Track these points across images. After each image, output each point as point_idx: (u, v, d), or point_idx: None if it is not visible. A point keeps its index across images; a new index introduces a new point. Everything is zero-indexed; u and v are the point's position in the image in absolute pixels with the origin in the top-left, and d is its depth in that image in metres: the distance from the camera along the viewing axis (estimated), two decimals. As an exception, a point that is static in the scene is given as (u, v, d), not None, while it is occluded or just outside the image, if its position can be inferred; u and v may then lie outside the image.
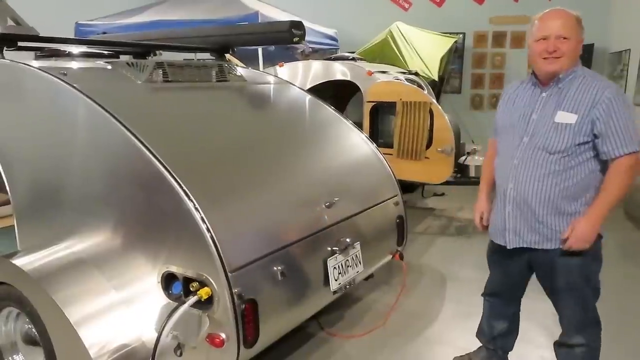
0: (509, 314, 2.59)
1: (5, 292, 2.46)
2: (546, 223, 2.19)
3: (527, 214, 2.22)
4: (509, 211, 2.27)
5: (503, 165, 2.32)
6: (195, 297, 2.04)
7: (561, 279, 2.24)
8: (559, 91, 2.16)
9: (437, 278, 4.09)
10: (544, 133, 2.15)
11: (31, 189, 2.64)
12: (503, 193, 2.30)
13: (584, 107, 2.08)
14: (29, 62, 2.57)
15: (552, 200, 2.16)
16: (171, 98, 2.79)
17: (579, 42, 2.14)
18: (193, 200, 2.10)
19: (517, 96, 2.33)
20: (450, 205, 6.27)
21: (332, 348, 3.05)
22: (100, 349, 2.18)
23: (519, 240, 2.28)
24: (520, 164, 2.21)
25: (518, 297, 2.58)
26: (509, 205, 2.27)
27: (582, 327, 2.28)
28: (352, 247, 2.74)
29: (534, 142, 2.18)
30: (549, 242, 2.21)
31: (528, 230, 2.24)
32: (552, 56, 2.11)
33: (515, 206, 2.25)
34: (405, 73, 6.05)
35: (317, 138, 3.23)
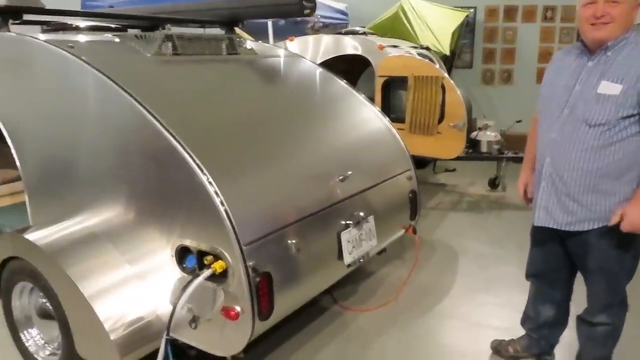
0: (556, 299, 2.42)
1: (18, 266, 2.47)
2: (581, 202, 2.06)
3: (562, 191, 2.10)
4: (543, 187, 2.17)
5: (541, 139, 2.21)
6: (210, 270, 2.02)
7: (595, 260, 2.14)
8: (607, 60, 2.00)
9: (449, 253, 4.07)
10: (584, 104, 2.01)
11: (42, 164, 2.62)
12: (540, 168, 2.20)
13: (631, 77, 1.92)
14: (35, 35, 2.52)
15: (589, 178, 2.02)
16: (181, 71, 2.74)
17: (633, 6, 1.95)
18: (206, 174, 2.08)
19: (562, 65, 2.17)
20: (462, 180, 6.21)
21: (345, 322, 3.05)
22: (115, 322, 2.19)
23: (548, 219, 2.17)
24: (558, 137, 2.09)
25: (565, 280, 2.39)
26: (543, 181, 2.17)
27: (608, 306, 2.20)
28: (366, 220, 2.71)
29: (574, 114, 2.04)
30: (583, 223, 2.09)
31: (561, 210, 2.12)
32: (599, 22, 1.94)
33: (550, 183, 2.13)
34: (416, 47, 5.94)
35: (330, 112, 3.18)
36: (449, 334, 2.93)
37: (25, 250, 2.39)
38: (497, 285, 3.48)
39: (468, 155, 5.42)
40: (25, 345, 2.63)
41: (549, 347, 2.57)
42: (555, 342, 2.57)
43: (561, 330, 2.54)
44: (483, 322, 3.05)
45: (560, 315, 2.48)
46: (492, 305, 3.24)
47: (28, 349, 2.62)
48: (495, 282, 3.54)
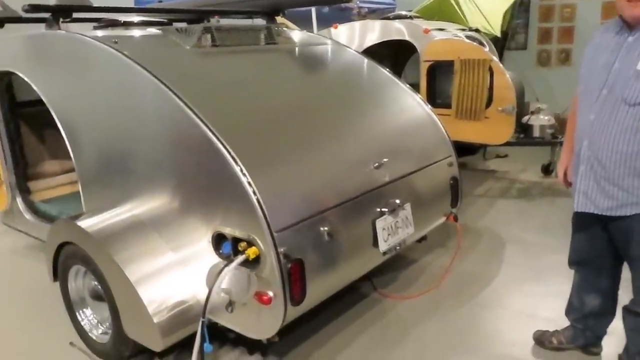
0: (602, 287, 2.32)
1: (72, 251, 2.64)
2: (622, 186, 1.97)
3: (601, 175, 2.02)
4: (582, 171, 2.09)
5: (580, 121, 2.12)
6: (243, 256, 2.08)
7: (638, 247, 2.04)
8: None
9: (496, 241, 3.96)
10: (623, 82, 1.91)
11: (93, 155, 2.77)
12: (578, 152, 2.12)
13: None
14: (82, 32, 2.66)
15: (629, 161, 1.94)
16: (219, 62, 2.81)
17: None
18: (240, 164, 2.13)
19: (602, 43, 2.07)
20: (513, 167, 6.00)
21: (384, 309, 3.05)
22: (158, 305, 2.30)
23: (588, 204, 2.09)
24: (597, 119, 2.00)
25: (611, 267, 2.28)
26: (582, 165, 2.09)
27: None
28: (402, 208, 2.69)
29: (613, 93, 1.95)
30: (625, 207, 2.00)
31: (601, 195, 2.04)
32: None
33: (589, 166, 2.06)
34: (464, 30, 5.75)
35: (367, 99, 3.16)
36: (491, 324, 2.87)
37: (78, 236, 2.54)
38: (545, 275, 3.37)
39: (519, 141, 5.22)
40: (81, 324, 2.81)
41: (595, 339, 2.47)
42: (602, 334, 2.46)
43: (609, 321, 2.43)
44: (528, 312, 2.96)
45: (607, 304, 2.37)
46: (539, 295, 3.13)
47: (83, 327, 2.80)
48: (544, 271, 3.42)
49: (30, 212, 3.62)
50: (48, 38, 2.87)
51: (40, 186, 3.92)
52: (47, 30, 2.86)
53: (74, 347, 2.82)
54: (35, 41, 3.00)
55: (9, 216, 3.77)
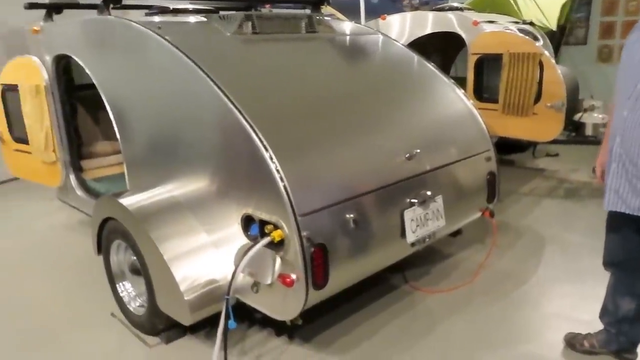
0: (637, 291, 2.24)
1: (114, 226, 2.79)
2: None
3: (632, 173, 1.96)
4: (613, 169, 2.03)
5: (615, 117, 2.07)
6: (268, 238, 2.14)
7: None
8: None
9: (537, 240, 3.84)
10: None
11: (137, 136, 2.91)
12: (611, 148, 2.06)
13: None
14: (129, 18, 2.78)
15: None
16: (257, 49, 2.87)
17: None
18: (269, 150, 2.18)
19: (638, 39, 2.02)
20: (564, 166, 5.77)
21: (414, 301, 3.03)
22: (190, 283, 2.41)
23: (619, 203, 2.02)
24: (630, 115, 1.93)
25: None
26: (614, 162, 2.03)
27: None
28: (433, 200, 2.66)
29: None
30: None
31: (632, 193, 1.97)
32: None
33: (621, 164, 2.00)
34: (517, 23, 5.56)
35: (405, 91, 3.13)
36: (522, 323, 2.80)
37: (119, 213, 2.68)
38: (584, 277, 3.24)
39: (571, 139, 5.03)
40: (120, 296, 2.97)
41: (629, 345, 2.36)
42: (637, 340, 2.36)
43: None
44: (561, 314, 2.87)
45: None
46: (575, 297, 3.03)
47: (122, 299, 2.96)
48: (584, 273, 3.29)
49: (82, 189, 3.84)
50: (98, 23, 3.03)
51: (92, 165, 4.15)
52: (98, 16, 3.01)
53: (115, 318, 2.99)
54: (87, 26, 3.17)
55: (63, 192, 4.02)
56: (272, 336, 2.73)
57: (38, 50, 3.68)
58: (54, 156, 3.75)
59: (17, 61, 3.91)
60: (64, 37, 3.42)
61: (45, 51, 3.61)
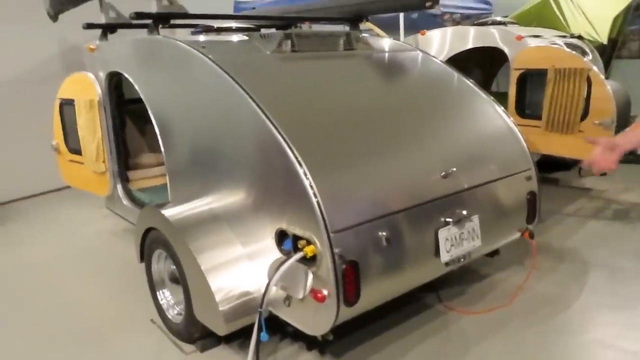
0: None
1: (155, 236, 2.90)
2: None
3: None
4: None
5: None
6: (301, 253, 2.17)
7: None
8: None
9: (581, 264, 3.71)
10: None
11: (180, 150, 3.02)
12: None
13: None
14: (175, 37, 2.91)
15: None
16: (296, 67, 2.94)
17: None
18: (304, 166, 2.22)
19: None
20: (613, 186, 5.54)
21: (447, 321, 2.99)
22: (225, 294, 2.47)
23: None
24: None
25: None
26: None
27: None
28: (469, 219, 2.63)
29: None
30: None
31: None
32: None
33: None
34: (565, 37, 5.43)
35: (443, 108, 3.12)
36: (560, 350, 2.71)
37: (161, 223, 2.79)
38: (633, 304, 3.10)
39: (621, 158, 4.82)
40: (160, 303, 3.08)
41: None
42: None
43: None
44: (607, 342, 2.76)
45: None
46: (621, 325, 2.90)
47: (162, 306, 3.07)
48: (632, 300, 3.15)
49: (128, 198, 4.01)
50: (147, 42, 3.19)
51: (137, 176, 4.34)
52: (148, 35, 3.17)
53: (154, 324, 3.09)
54: (137, 45, 3.34)
55: (111, 201, 4.21)
56: (304, 350, 2.76)
57: (93, 67, 3.90)
58: (103, 167, 3.94)
59: (74, 77, 4.15)
60: (116, 55, 3.61)
61: (99, 68, 3.83)
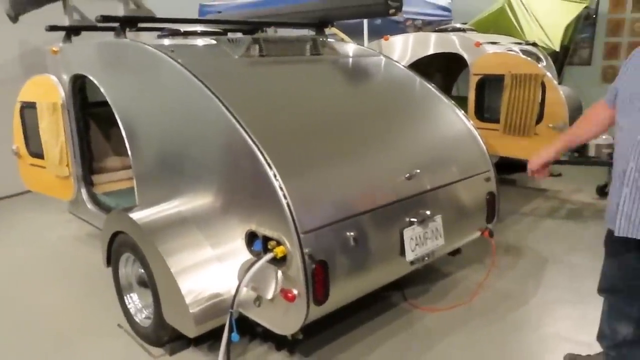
0: (633, 315, 2.23)
1: (123, 240, 2.89)
2: None
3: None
4: (626, 194, 2.00)
5: (623, 140, 2.03)
6: (271, 254, 2.22)
7: None
8: None
9: (537, 261, 3.89)
10: None
11: (147, 153, 3.02)
12: (622, 173, 2.03)
13: None
14: (143, 41, 2.91)
15: None
16: (264, 71, 2.99)
17: None
18: (273, 168, 2.27)
19: None
20: (566, 187, 5.82)
21: (412, 319, 3.09)
22: (195, 296, 2.49)
23: (631, 229, 2.00)
24: None
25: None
26: (626, 187, 2.00)
27: None
28: (432, 219, 2.74)
29: None
30: None
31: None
32: None
33: (635, 189, 1.97)
34: (521, 44, 5.67)
35: (406, 112, 3.23)
36: (520, 344, 2.84)
37: (129, 227, 2.78)
38: (587, 298, 3.27)
39: (573, 159, 5.08)
40: (128, 307, 3.06)
41: None
42: None
43: None
44: (562, 335, 2.91)
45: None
46: (577, 318, 3.06)
47: (129, 310, 3.05)
48: (585, 295, 3.32)
49: (92, 202, 3.96)
50: (114, 45, 3.17)
51: (102, 180, 4.29)
52: (114, 39, 3.15)
53: (121, 329, 3.07)
54: (103, 48, 3.31)
55: (75, 206, 4.14)
56: (273, 350, 2.80)
57: (56, 70, 3.84)
58: (67, 171, 3.88)
59: (36, 80, 4.07)
60: (81, 58, 3.57)
61: (63, 70, 3.77)
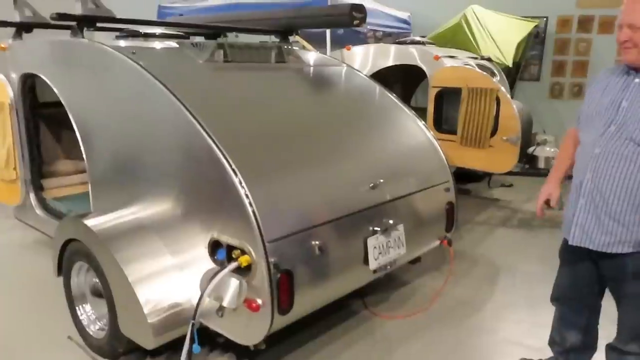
0: (582, 323, 2.34)
1: (77, 248, 2.76)
2: (623, 221, 2.00)
3: (602, 210, 2.03)
4: (581, 204, 2.09)
5: (582, 154, 2.14)
6: (236, 263, 2.19)
7: (631, 287, 2.07)
8: None
9: (492, 269, 4.01)
10: (633, 122, 1.96)
11: (104, 158, 2.91)
12: (579, 185, 2.12)
13: None
14: (103, 42, 2.81)
15: (634, 197, 1.96)
16: (228, 77, 2.95)
17: None
18: (239, 175, 2.24)
19: (609, 83, 2.13)
20: (517, 196, 6.05)
21: (372, 327, 3.12)
22: (153, 306, 2.41)
23: (584, 239, 2.10)
24: (602, 154, 2.02)
25: (592, 306, 2.32)
26: (582, 198, 2.09)
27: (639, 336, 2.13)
28: (395, 228, 2.78)
29: (622, 131, 1.99)
30: (622, 245, 2.02)
31: (598, 230, 2.05)
32: (624, 46, 1.97)
33: (590, 200, 2.06)
34: (476, 58, 5.87)
35: (369, 122, 3.26)
36: (475, 349, 2.92)
37: (83, 234, 2.67)
38: (539, 304, 3.40)
39: (524, 171, 5.29)
40: (80, 319, 2.92)
41: None
42: None
43: (590, 355, 2.46)
44: (515, 340, 3.01)
45: (588, 340, 2.40)
46: (528, 323, 3.18)
47: (82, 322, 2.91)
48: (537, 301, 3.46)
49: (42, 208, 3.78)
50: (72, 45, 3.04)
51: (53, 184, 4.09)
52: (71, 38, 3.03)
53: (71, 341, 2.93)
54: (59, 47, 3.17)
55: (22, 211, 3.93)
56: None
57: (4, 68, 3.65)
58: (14, 174, 3.68)
59: (-19, 78, 3.85)
60: (33, 56, 3.40)
61: (12, 69, 3.58)
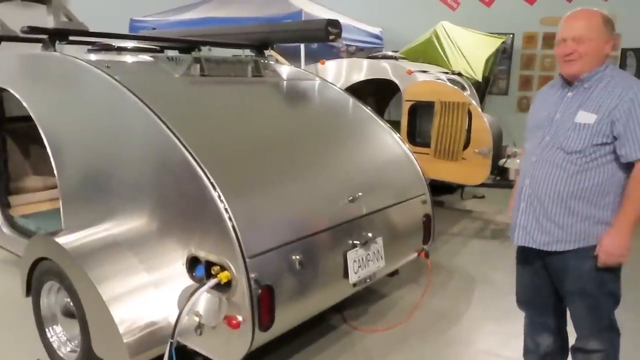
0: (550, 325, 2.43)
1: (47, 267, 2.67)
2: (558, 222, 2.16)
3: (539, 212, 2.20)
4: (522, 208, 2.27)
5: (524, 163, 2.34)
6: (215, 280, 2.15)
7: (572, 283, 2.19)
8: (585, 91, 2.14)
9: (467, 280, 4.06)
10: (563, 132, 2.14)
11: (76, 173, 2.83)
12: (520, 190, 2.30)
13: (605, 107, 2.05)
14: (77, 56, 2.76)
15: (565, 200, 2.13)
16: (205, 91, 2.92)
17: (604, 41, 2.10)
18: (218, 190, 2.21)
19: (546, 97, 2.33)
20: (489, 208, 6.16)
21: (352, 341, 3.10)
22: (129, 325, 2.33)
23: (527, 238, 2.25)
24: (538, 161, 2.21)
25: (554, 304, 2.40)
26: (523, 202, 2.27)
27: (596, 332, 2.21)
28: (374, 241, 2.78)
29: (554, 141, 2.17)
30: (560, 243, 2.17)
31: (538, 230, 2.22)
32: (568, 59, 2.12)
33: (529, 203, 2.24)
34: (447, 73, 6.00)
35: (346, 135, 3.28)
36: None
37: (54, 252, 2.58)
38: (513, 315, 3.40)
39: (496, 183, 5.40)
40: (50, 341, 2.82)
41: None
42: None
43: (565, 357, 2.51)
44: (492, 351, 3.04)
45: (559, 343, 2.47)
46: (505, 334, 3.22)
47: (52, 344, 2.81)
48: (512, 311, 3.45)
49: (8, 226, 3.64)
50: (43, 59, 2.97)
51: (20, 201, 3.95)
52: (42, 51, 2.96)
53: (41, 364, 2.82)
54: (30, 61, 3.09)
55: (-14, 229, 3.78)
56: (213, 379, 2.69)
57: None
58: (-21, 191, 3.55)
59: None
60: (1, 71, 3.30)
61: (-23, 82, 3.46)
